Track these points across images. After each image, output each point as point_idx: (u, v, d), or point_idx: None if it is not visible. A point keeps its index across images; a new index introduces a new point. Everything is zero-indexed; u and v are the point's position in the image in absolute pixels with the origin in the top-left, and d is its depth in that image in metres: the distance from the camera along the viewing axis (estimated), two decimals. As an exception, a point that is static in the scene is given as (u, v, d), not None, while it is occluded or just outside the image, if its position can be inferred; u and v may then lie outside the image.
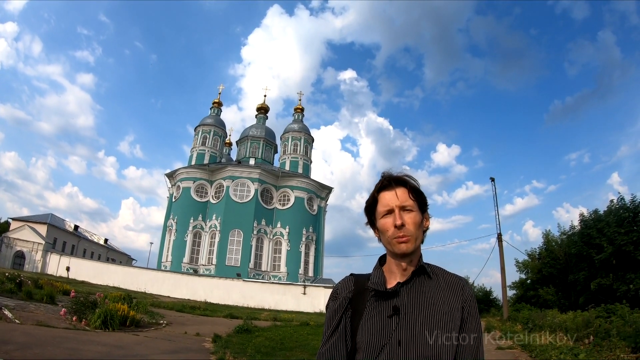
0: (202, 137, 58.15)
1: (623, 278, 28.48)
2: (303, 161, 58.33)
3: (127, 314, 13.69)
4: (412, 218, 1.57)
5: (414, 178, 1.66)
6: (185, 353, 10.42)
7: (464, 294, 1.59)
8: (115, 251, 74.23)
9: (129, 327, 13.41)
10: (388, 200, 1.61)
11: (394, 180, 1.65)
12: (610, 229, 30.00)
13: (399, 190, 1.62)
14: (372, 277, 1.67)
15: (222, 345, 11.64)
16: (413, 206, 1.60)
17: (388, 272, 1.66)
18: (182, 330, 14.81)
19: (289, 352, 11.96)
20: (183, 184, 54.29)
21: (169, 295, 35.41)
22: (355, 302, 1.63)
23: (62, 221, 58.60)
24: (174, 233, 52.56)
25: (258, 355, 10.70)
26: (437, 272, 1.66)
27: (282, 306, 34.79)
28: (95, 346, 9.29)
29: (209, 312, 23.64)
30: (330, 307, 1.70)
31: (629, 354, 11.14)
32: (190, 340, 12.82)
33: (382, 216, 1.62)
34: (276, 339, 14.38)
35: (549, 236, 41.78)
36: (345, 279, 1.75)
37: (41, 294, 17.50)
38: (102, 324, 12.20)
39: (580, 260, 33.17)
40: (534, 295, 37.16)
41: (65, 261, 43.23)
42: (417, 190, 1.65)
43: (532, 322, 20.32)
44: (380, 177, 1.70)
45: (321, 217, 57.86)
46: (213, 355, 10.20)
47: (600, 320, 15.19)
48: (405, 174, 1.68)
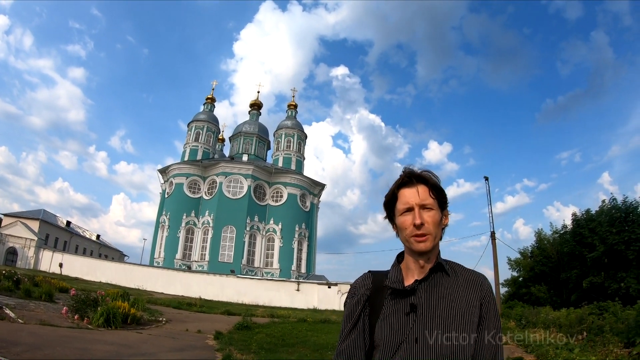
0: (195, 133, 57.89)
1: (614, 276, 29.02)
2: (296, 158, 58.36)
3: (128, 312, 13.75)
4: (431, 217, 1.57)
5: (435, 175, 1.66)
6: (191, 350, 10.51)
7: (482, 290, 1.59)
8: (107, 247, 73.94)
9: (130, 325, 13.46)
10: (408, 197, 1.60)
11: (415, 177, 1.63)
12: (602, 228, 30.48)
13: (420, 187, 1.61)
14: (389, 275, 1.66)
15: (225, 342, 11.78)
16: (433, 204, 1.59)
17: (406, 269, 1.66)
18: (183, 327, 14.89)
19: (291, 348, 12.13)
20: (176, 180, 54.11)
21: (162, 292, 35.36)
22: (373, 300, 1.63)
23: (54, 217, 58.22)
24: (167, 229, 52.39)
25: (262, 351, 10.85)
26: (455, 268, 1.65)
27: (276, 303, 34.86)
28: (103, 345, 9.37)
29: (205, 309, 23.71)
30: (348, 304, 1.70)
31: (622, 349, 11.45)
32: (193, 337, 12.92)
33: (402, 213, 1.61)
34: (277, 336, 14.52)
35: (541, 234, 42.13)
36: (363, 276, 1.75)
37: (39, 292, 17.48)
38: (105, 322, 12.27)
39: (572, 258, 33.61)
40: (526, 292, 37.45)
41: (58, 257, 42.99)
42: (438, 187, 1.63)
43: (526, 318, 20.63)
44: (401, 173, 1.69)
45: (314, 213, 57.98)
46: (218, 353, 10.32)
47: (593, 317, 15.53)
48: (426, 170, 1.66)
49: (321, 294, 36.61)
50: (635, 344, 11.21)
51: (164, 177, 57.56)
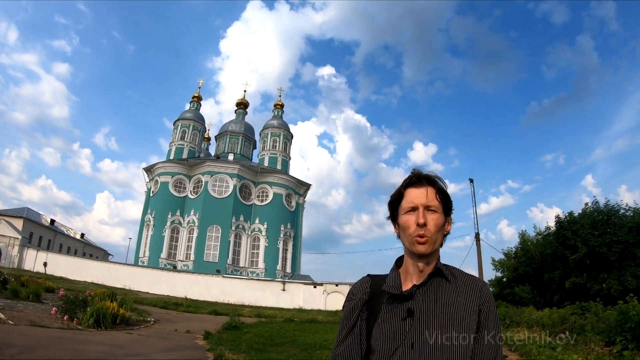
0: (181, 131, 57.52)
1: (596, 277, 29.82)
2: (282, 157, 58.38)
3: (117, 313, 13.83)
4: (434, 219, 1.56)
5: (442, 180, 1.66)
6: (182, 350, 10.68)
7: (481, 296, 1.58)
8: (91, 246, 73.15)
9: (119, 325, 13.55)
10: (414, 197, 1.60)
11: (424, 177, 1.64)
12: (585, 230, 31.24)
13: (429, 189, 1.61)
14: (388, 279, 1.66)
15: (215, 342, 11.96)
16: (438, 207, 1.59)
17: (404, 272, 1.66)
18: (172, 327, 15.03)
19: (280, 348, 12.36)
20: (161, 178, 53.82)
21: (148, 292, 35.29)
22: (371, 304, 1.63)
23: (38, 215, 57.44)
24: (152, 228, 52.07)
25: (252, 351, 11.06)
26: (455, 274, 1.64)
27: (262, 302, 35.03)
28: (95, 346, 9.49)
29: (192, 308, 23.81)
30: (346, 308, 1.69)
31: (603, 348, 11.88)
32: (182, 337, 13.07)
33: (406, 212, 1.61)
34: (265, 335, 14.75)
35: (525, 236, 42.85)
36: (361, 280, 1.74)
37: (27, 292, 17.36)
38: (95, 323, 12.35)
39: (555, 259, 34.31)
40: (510, 293, 38.03)
41: (42, 256, 42.52)
42: (445, 192, 1.64)
43: (509, 318, 21.11)
44: (410, 173, 1.69)
45: (299, 213, 58.16)
46: (209, 352, 10.50)
47: (575, 317, 16.05)
48: (434, 174, 1.66)
49: (307, 294, 36.85)
50: (615, 343, 11.65)
51: (149, 175, 57.21)
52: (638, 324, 11.06)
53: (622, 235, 29.26)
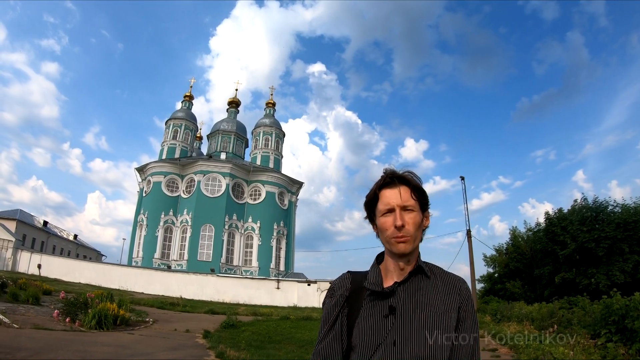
0: (172, 130, 57.56)
1: (585, 272, 30.63)
2: (274, 156, 58.60)
3: (117, 314, 14.09)
4: (412, 218, 1.57)
5: (417, 176, 1.66)
6: (185, 349, 11.02)
7: (461, 294, 1.59)
8: (85, 247, 73.01)
9: (120, 326, 13.81)
10: (389, 198, 1.60)
11: (397, 177, 1.63)
12: (574, 226, 32.03)
13: (402, 188, 1.60)
14: (368, 276, 1.66)
15: (215, 341, 12.32)
16: (414, 206, 1.59)
17: (385, 270, 1.66)
18: (171, 327, 15.33)
19: (278, 345, 12.77)
20: (154, 178, 53.84)
21: (142, 292, 35.40)
22: (352, 301, 1.63)
23: (30, 217, 57.34)
24: (145, 228, 52.15)
25: (251, 348, 11.44)
26: (435, 271, 1.65)
27: (256, 301, 35.26)
28: (101, 347, 9.82)
29: (189, 308, 24.05)
30: (327, 304, 1.69)
31: (588, 340, 12.40)
32: (183, 336, 13.40)
33: (383, 214, 1.61)
34: (262, 333, 15.11)
35: (516, 232, 43.60)
36: (342, 277, 1.74)
37: (26, 295, 17.57)
38: (97, 325, 12.65)
39: (545, 255, 35.04)
40: (501, 288, 38.67)
41: (36, 259, 42.44)
42: (420, 189, 1.64)
43: (501, 313, 21.65)
44: (382, 173, 1.69)
45: (292, 211, 58.47)
46: (210, 350, 10.87)
47: (563, 311, 16.62)
48: (408, 171, 1.67)
49: (301, 292, 37.12)
50: (600, 336, 12.18)
51: (142, 175, 57.18)
52: (621, 318, 11.57)
53: (610, 231, 30.02)
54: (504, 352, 12.24)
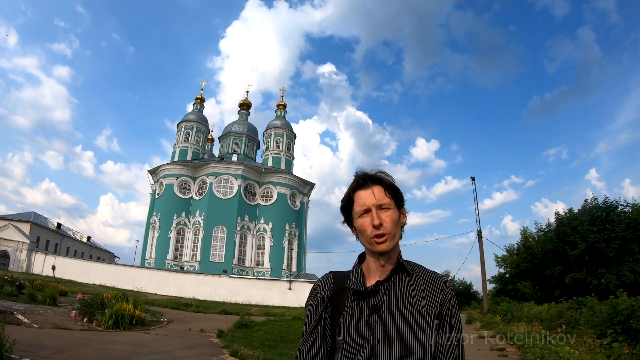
0: (184, 133, 58.17)
1: (595, 273, 30.52)
2: (285, 157, 58.94)
3: (133, 314, 14.40)
4: (389, 216, 1.59)
5: (389, 174, 1.68)
6: (200, 348, 11.26)
7: (443, 291, 1.60)
8: (98, 249, 73.98)
9: (136, 326, 14.08)
10: (364, 199, 1.62)
11: (369, 178, 1.66)
12: (584, 227, 31.94)
13: (376, 188, 1.63)
14: (351, 276, 1.67)
15: (229, 340, 12.57)
16: (390, 204, 1.61)
17: (367, 269, 1.68)
18: (186, 327, 15.61)
19: (290, 344, 12.99)
20: (166, 180, 54.41)
21: (155, 293, 35.80)
22: (335, 301, 1.64)
23: (44, 219, 58.28)
24: (158, 230, 52.70)
25: (265, 347, 11.67)
26: (416, 269, 1.67)
27: (269, 301, 35.54)
28: (120, 345, 10.10)
29: (202, 308, 24.37)
30: (310, 305, 1.70)
31: (595, 340, 12.49)
32: (197, 336, 13.65)
33: (360, 216, 1.62)
34: (275, 333, 15.37)
35: (526, 232, 43.44)
36: (324, 277, 1.76)
37: (43, 296, 17.95)
38: (114, 324, 12.95)
39: (555, 255, 34.93)
40: (512, 288, 38.61)
41: (50, 260, 43.14)
42: (393, 187, 1.66)
43: (511, 313, 21.66)
44: (354, 176, 1.71)
45: (304, 212, 58.63)
46: (225, 349, 11.09)
47: (571, 311, 16.64)
48: (379, 170, 1.69)
49: (309, 294, 37.27)
50: (606, 336, 12.24)
51: (154, 177, 57.82)
52: (627, 318, 11.63)
53: (620, 231, 29.91)
54: (512, 352, 12.34)
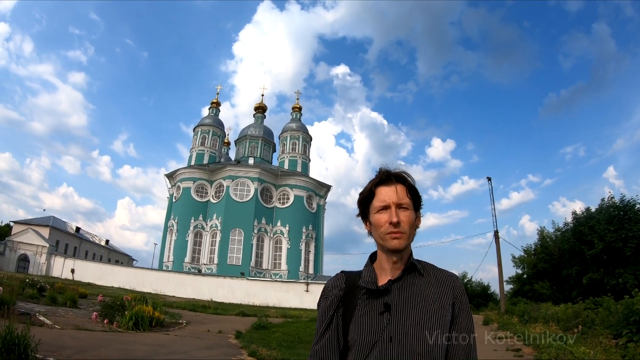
0: (201, 137, 58.76)
1: (612, 273, 30.02)
2: (301, 160, 59.07)
3: (152, 315, 14.56)
4: (407, 217, 1.59)
5: (411, 176, 1.68)
6: (219, 349, 11.35)
7: (454, 289, 1.61)
8: (116, 252, 74.97)
9: (155, 327, 14.24)
10: (385, 195, 1.62)
11: (394, 176, 1.66)
12: (601, 226, 31.46)
13: (399, 187, 1.63)
14: (363, 275, 1.67)
15: (247, 341, 12.62)
16: (409, 205, 1.61)
17: (379, 268, 1.67)
18: (204, 328, 15.73)
19: (308, 345, 12.93)
20: (183, 184, 54.94)
21: (174, 295, 36.17)
22: (347, 300, 1.64)
23: (63, 223, 59.28)
24: (175, 233, 53.22)
25: (282, 348, 11.70)
26: (427, 268, 1.67)
27: (286, 303, 35.67)
28: (140, 346, 10.21)
29: (220, 310, 24.53)
30: (322, 305, 1.69)
31: (610, 340, 12.33)
32: (216, 337, 13.76)
33: (377, 211, 1.62)
34: (292, 334, 15.41)
35: (544, 232, 43.01)
36: (336, 277, 1.76)
37: (64, 299, 18.28)
38: (134, 326, 13.10)
39: (572, 255, 34.48)
40: (529, 289, 38.21)
41: (69, 263, 43.92)
42: (415, 189, 1.66)
43: (528, 314, 21.46)
44: (377, 171, 1.71)
45: (320, 215, 58.65)
46: (243, 350, 11.16)
47: (588, 312, 16.43)
48: (403, 170, 1.69)
49: (323, 295, 37.26)
50: (621, 336, 12.07)
51: (171, 181, 58.44)
52: (642, 317, 11.46)
53: (638, 230, 29.46)
54: (528, 352, 12.24)
